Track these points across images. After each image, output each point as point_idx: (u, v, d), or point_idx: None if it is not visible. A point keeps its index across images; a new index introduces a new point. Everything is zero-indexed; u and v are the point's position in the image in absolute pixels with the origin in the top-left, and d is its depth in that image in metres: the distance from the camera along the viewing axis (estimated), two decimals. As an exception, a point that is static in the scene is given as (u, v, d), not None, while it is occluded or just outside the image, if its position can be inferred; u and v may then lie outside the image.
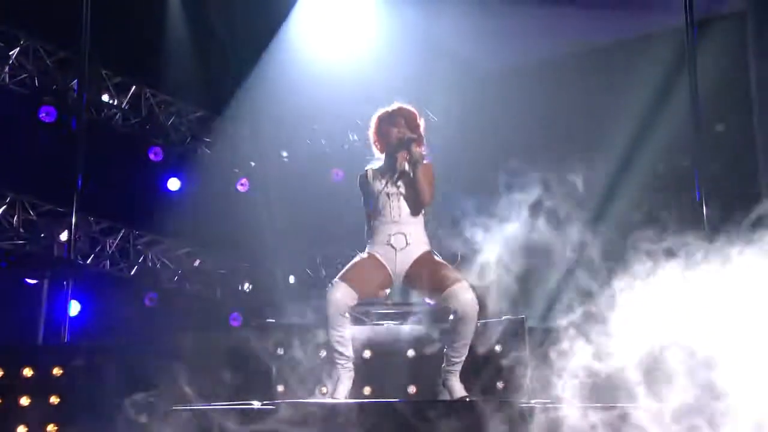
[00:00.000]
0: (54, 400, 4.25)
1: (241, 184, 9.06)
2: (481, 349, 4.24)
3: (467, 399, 3.79)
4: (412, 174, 4.02)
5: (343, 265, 4.03)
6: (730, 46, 7.63)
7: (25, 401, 4.27)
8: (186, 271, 8.78)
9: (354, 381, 3.93)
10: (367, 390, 4.53)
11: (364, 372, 4.39)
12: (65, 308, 4.95)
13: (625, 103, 7.99)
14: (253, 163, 9.24)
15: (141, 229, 8.40)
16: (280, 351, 5.54)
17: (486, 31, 8.21)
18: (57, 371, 4.31)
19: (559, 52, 8.55)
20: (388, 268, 4.03)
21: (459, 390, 3.88)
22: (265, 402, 3.49)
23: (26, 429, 4.26)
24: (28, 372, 4.33)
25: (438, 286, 3.89)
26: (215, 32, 8.47)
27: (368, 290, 4.01)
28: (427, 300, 4.22)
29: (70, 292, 5.01)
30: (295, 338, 5.66)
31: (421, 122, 4.16)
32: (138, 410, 4.10)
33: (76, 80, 7.23)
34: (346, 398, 3.81)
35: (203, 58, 8.39)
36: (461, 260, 4.01)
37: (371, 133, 4.24)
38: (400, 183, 4.05)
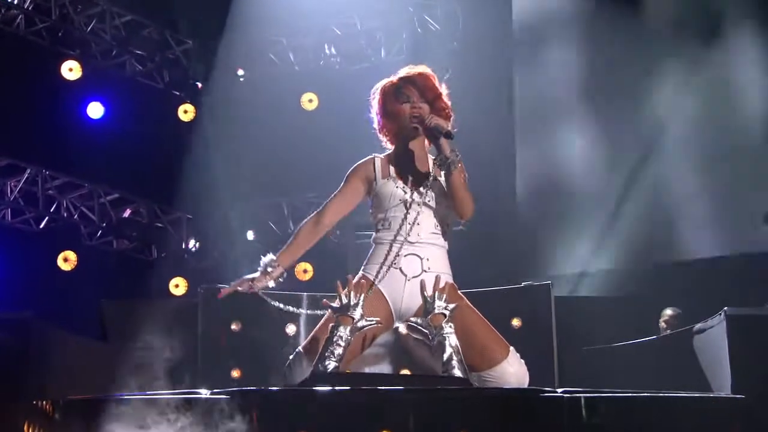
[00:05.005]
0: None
1: (184, 111, 9.01)
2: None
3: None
4: (444, 178, 3.76)
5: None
6: None
7: None
8: (112, 223, 8.79)
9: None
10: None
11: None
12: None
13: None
14: (199, 84, 9.21)
15: (53, 168, 8.40)
16: (235, 326, 5.59)
17: None
18: (-54, 348, 4.34)
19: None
20: (390, 303, 3.79)
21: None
22: (215, 390, 3.53)
23: None
24: None
25: (478, 360, 3.67)
26: None
27: (352, 353, 3.68)
28: None
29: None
30: (254, 310, 5.71)
31: (442, 88, 3.86)
32: (47, 403, 4.12)
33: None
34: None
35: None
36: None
37: (375, 114, 3.92)
38: (425, 189, 3.78)
